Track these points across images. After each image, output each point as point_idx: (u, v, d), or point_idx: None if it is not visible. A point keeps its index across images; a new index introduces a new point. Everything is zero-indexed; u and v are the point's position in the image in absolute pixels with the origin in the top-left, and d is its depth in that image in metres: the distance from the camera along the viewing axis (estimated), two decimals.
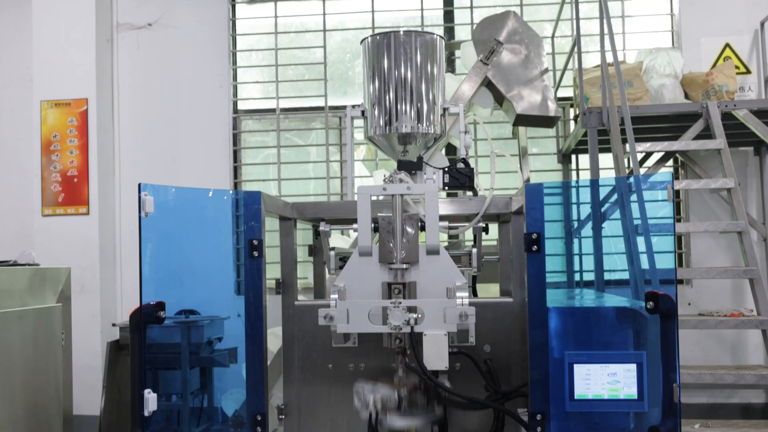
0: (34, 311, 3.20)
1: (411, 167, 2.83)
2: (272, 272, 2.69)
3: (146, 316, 2.13)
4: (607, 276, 3.71)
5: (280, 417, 2.76)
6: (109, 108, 6.77)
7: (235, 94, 7.05)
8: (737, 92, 5.38)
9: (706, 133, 4.96)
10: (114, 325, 6.33)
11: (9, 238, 6.64)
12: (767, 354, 4.30)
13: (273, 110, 6.85)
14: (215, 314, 5.67)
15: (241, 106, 7.06)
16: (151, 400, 2.09)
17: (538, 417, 2.23)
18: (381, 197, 2.57)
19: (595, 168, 5.01)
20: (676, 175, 6.29)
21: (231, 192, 2.61)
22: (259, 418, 2.35)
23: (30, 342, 3.17)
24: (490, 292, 3.89)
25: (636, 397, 2.17)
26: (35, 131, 6.53)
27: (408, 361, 2.38)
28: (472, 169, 2.89)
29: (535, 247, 2.24)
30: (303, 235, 3.59)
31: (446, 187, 2.85)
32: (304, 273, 5.36)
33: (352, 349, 2.59)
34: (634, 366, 2.17)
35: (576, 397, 2.19)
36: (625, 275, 3.97)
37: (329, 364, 2.73)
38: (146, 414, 2.07)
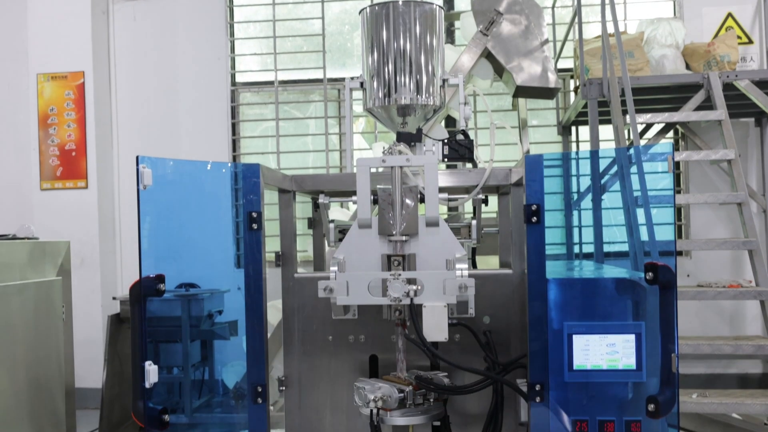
0: (34, 285, 3.21)
1: (410, 139, 2.81)
2: (272, 245, 2.69)
3: (146, 289, 2.14)
4: (606, 248, 3.71)
5: (281, 389, 2.78)
6: (106, 81, 6.73)
7: (233, 67, 7.00)
8: (739, 63, 5.34)
9: (707, 104, 4.93)
10: (114, 298, 6.35)
11: (8, 212, 6.64)
12: (765, 325, 4.32)
13: (271, 83, 6.81)
14: (215, 287, 5.69)
15: (239, 78, 7.02)
16: (152, 372, 2.10)
17: (537, 387, 2.24)
18: (380, 169, 2.56)
19: (595, 140, 4.99)
20: (676, 147, 6.27)
21: (230, 165, 2.60)
22: (260, 390, 2.37)
23: (31, 315, 3.18)
24: (489, 264, 3.90)
25: (634, 367, 2.19)
26: (32, 105, 6.50)
27: (407, 332, 2.39)
28: (472, 140, 2.87)
29: (534, 219, 2.24)
30: (302, 208, 3.59)
31: (446, 159, 2.84)
32: (304, 246, 5.37)
33: (351, 321, 2.60)
34: (632, 336, 2.18)
35: (575, 367, 2.20)
36: (625, 247, 3.98)
37: (329, 336, 2.74)
38: (147, 386, 2.08)
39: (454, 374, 2.63)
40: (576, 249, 3.74)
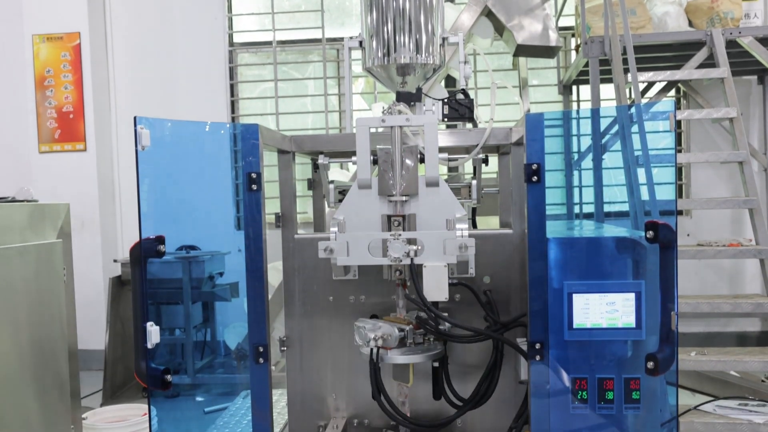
0: (34, 247, 3.21)
1: (410, 99, 2.79)
2: (272, 207, 2.68)
3: (146, 250, 2.13)
4: (606, 208, 3.71)
5: (282, 349, 2.80)
6: (102, 42, 6.66)
7: (231, 27, 6.92)
8: (742, 19, 5.27)
9: (710, 62, 4.89)
10: (115, 261, 6.38)
11: (7, 175, 6.63)
12: (765, 283, 4.34)
13: (269, 43, 6.74)
14: (216, 249, 5.71)
15: (237, 38, 6.94)
16: (153, 332, 2.10)
17: (537, 346, 2.25)
18: (380, 129, 2.54)
19: (596, 99, 4.96)
20: (678, 106, 6.23)
21: (228, 125, 2.58)
22: (261, 350, 2.38)
23: (32, 278, 3.19)
24: (489, 224, 3.90)
25: (634, 325, 2.20)
26: (28, 67, 6.44)
27: (408, 292, 2.40)
28: (472, 100, 2.85)
29: (535, 178, 2.23)
30: (302, 169, 3.57)
31: (445, 119, 2.82)
32: (304, 208, 5.37)
33: (352, 281, 2.61)
34: (632, 295, 2.19)
35: (575, 326, 2.21)
36: (625, 207, 3.98)
37: (330, 296, 2.75)
38: (149, 346, 2.09)
39: (455, 332, 2.64)
40: (576, 209, 3.74)
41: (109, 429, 3.70)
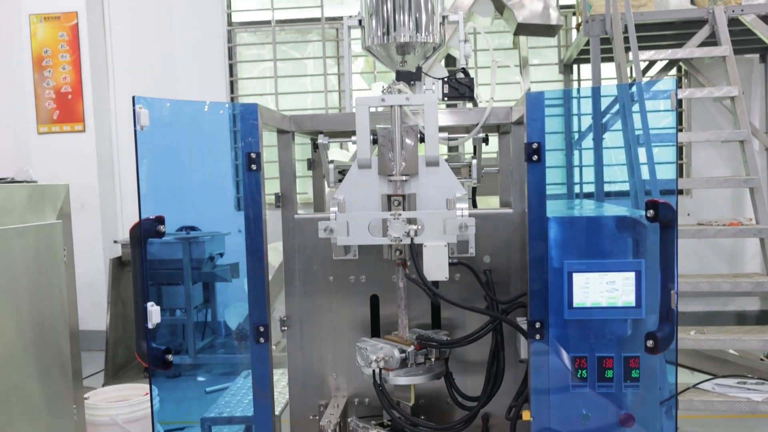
0: (34, 228, 3.20)
1: (410, 78, 2.77)
2: (271, 187, 2.68)
3: (146, 231, 2.13)
4: (607, 187, 3.71)
5: (283, 329, 2.80)
6: (100, 22, 6.61)
7: (229, 6, 6.87)
8: None
9: (712, 40, 4.86)
10: (115, 242, 6.39)
11: (5, 156, 6.62)
12: (764, 262, 4.34)
13: (268, 22, 6.70)
14: (216, 230, 5.72)
15: (235, 18, 6.90)
16: (154, 312, 2.11)
17: (537, 325, 2.26)
18: (380, 109, 2.52)
19: (597, 77, 4.93)
20: (679, 84, 6.20)
21: (227, 105, 2.57)
22: (262, 329, 2.38)
23: (33, 259, 3.18)
24: (489, 204, 3.90)
25: (634, 304, 2.20)
26: (25, 47, 6.40)
27: (408, 272, 2.40)
28: (472, 78, 2.83)
29: (535, 157, 2.22)
30: (301, 150, 3.56)
31: (445, 98, 2.80)
32: (304, 188, 5.36)
33: (352, 261, 2.61)
34: (632, 274, 2.19)
35: (575, 305, 2.22)
36: (625, 187, 3.97)
37: (330, 276, 2.75)
38: (150, 326, 2.10)
39: (454, 329, 2.66)
40: (577, 189, 3.74)
41: (111, 408, 3.72)
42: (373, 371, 2.32)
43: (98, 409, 3.71)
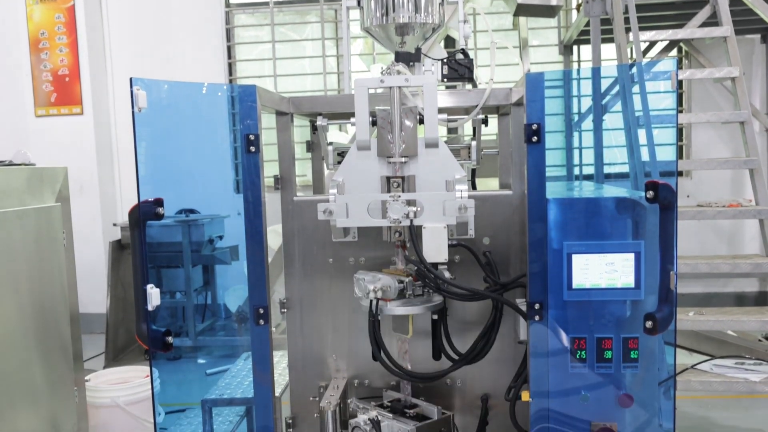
0: (33, 211, 3.20)
1: (409, 59, 2.75)
2: (271, 170, 2.67)
3: (145, 213, 2.13)
4: (606, 169, 3.70)
5: (282, 311, 2.81)
6: (96, 3, 6.57)
7: None
8: None
9: (713, 21, 4.82)
10: (115, 225, 6.39)
11: (3, 139, 6.61)
12: (764, 243, 4.34)
13: (266, 3, 6.65)
14: (215, 213, 5.72)
15: None
16: (154, 294, 2.11)
17: (537, 306, 2.26)
18: (379, 90, 2.51)
19: (597, 58, 4.91)
20: (679, 65, 6.17)
21: (225, 87, 2.56)
22: (262, 311, 2.39)
23: (32, 241, 3.18)
24: (489, 186, 3.89)
25: (633, 285, 2.20)
26: (21, 29, 6.37)
27: (408, 254, 2.40)
28: (471, 60, 2.82)
29: (535, 138, 2.21)
30: (300, 132, 3.55)
31: (445, 79, 2.79)
32: (303, 171, 5.36)
33: (351, 243, 2.61)
34: (632, 255, 2.19)
35: (574, 286, 2.22)
36: (625, 168, 3.97)
37: (329, 258, 2.75)
38: (150, 308, 2.10)
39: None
40: (576, 171, 3.73)
41: (112, 391, 3.73)
42: (371, 301, 2.31)
43: (99, 392, 3.73)
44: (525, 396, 2.33)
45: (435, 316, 2.47)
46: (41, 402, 3.24)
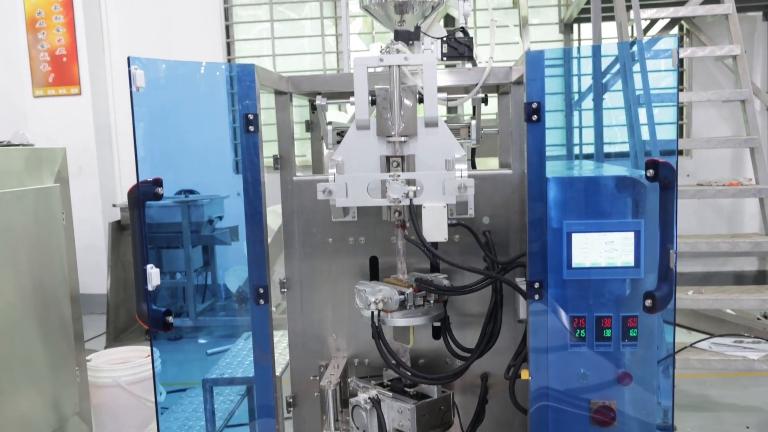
0: (33, 191, 3.19)
1: (408, 37, 2.73)
2: (270, 151, 2.66)
3: (144, 193, 2.12)
4: (606, 149, 3.69)
5: (282, 291, 2.81)
6: None
7: None
8: None
9: None
10: (114, 205, 6.39)
11: (1, 120, 6.58)
12: (763, 222, 4.34)
13: None
14: (215, 193, 5.71)
15: None
16: (154, 274, 2.11)
17: (536, 285, 2.26)
18: (378, 69, 2.50)
19: (597, 37, 4.88)
20: (680, 44, 6.14)
21: (224, 66, 2.54)
22: (262, 291, 2.39)
23: (32, 222, 3.18)
24: (489, 166, 3.88)
25: (633, 264, 2.20)
26: (18, 8, 6.32)
27: (407, 233, 2.40)
28: (471, 38, 2.80)
29: (535, 117, 2.20)
30: (299, 112, 3.53)
31: (444, 58, 2.77)
32: (302, 151, 5.34)
33: (351, 223, 2.60)
34: (631, 234, 2.19)
35: (574, 265, 2.22)
36: (625, 148, 3.96)
37: (329, 238, 2.75)
38: (150, 288, 2.10)
39: (454, 277, 2.66)
40: (576, 150, 3.72)
41: (114, 370, 3.75)
42: (372, 313, 2.33)
43: (101, 371, 3.75)
44: (524, 374, 2.34)
45: (437, 323, 2.50)
46: (43, 382, 3.26)
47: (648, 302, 2.11)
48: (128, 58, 2.03)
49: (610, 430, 2.29)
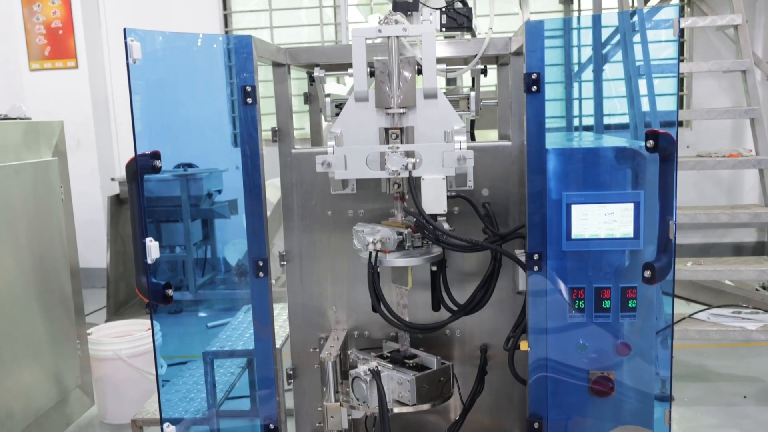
0: (31, 165, 3.19)
1: (407, 8, 2.71)
2: (269, 124, 2.65)
3: (142, 167, 2.12)
4: (606, 120, 3.67)
5: (282, 264, 2.82)
6: None
7: None
8: None
9: None
10: (113, 179, 6.38)
11: None
12: (763, 193, 4.34)
13: None
14: (213, 167, 5.70)
15: None
16: (153, 247, 2.11)
17: (536, 257, 2.27)
18: (377, 40, 2.48)
19: (597, 8, 4.84)
20: (681, 13, 6.09)
21: (221, 38, 2.52)
22: (261, 264, 2.39)
23: (30, 196, 3.18)
24: (488, 138, 3.87)
25: (632, 235, 2.20)
26: None
27: (406, 205, 2.39)
28: (470, 8, 2.77)
29: (534, 88, 2.19)
30: (297, 85, 3.51)
31: (443, 29, 2.75)
32: (301, 124, 5.32)
33: (350, 195, 2.60)
34: (631, 205, 2.19)
35: (573, 236, 2.22)
36: (625, 119, 3.93)
37: (328, 211, 2.75)
38: (149, 261, 2.10)
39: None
40: (576, 122, 3.70)
41: (114, 344, 3.77)
42: (370, 253, 2.32)
43: (101, 345, 3.77)
44: (523, 346, 2.36)
45: (434, 268, 2.48)
46: (44, 355, 3.27)
47: (647, 273, 2.12)
48: (124, 30, 2.01)
49: (609, 401, 2.31)
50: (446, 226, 2.42)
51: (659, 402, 2.31)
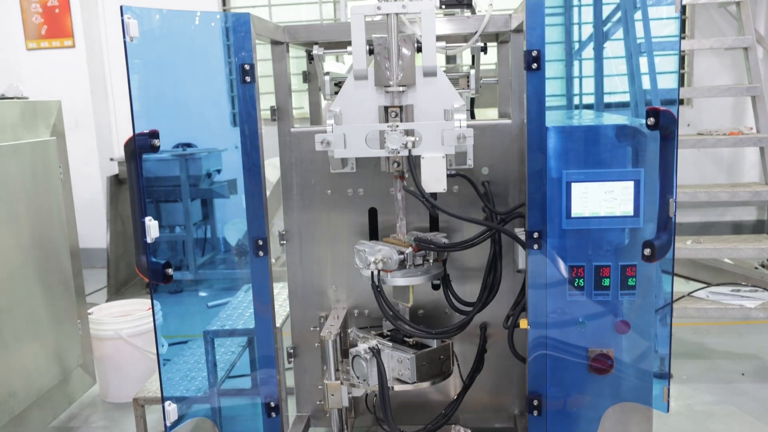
0: (29, 145, 3.17)
1: None
2: (267, 103, 2.63)
3: (140, 146, 2.11)
4: (607, 98, 3.65)
5: (282, 243, 2.82)
6: None
7: None
8: None
9: None
10: (112, 159, 6.37)
11: None
12: (763, 172, 4.33)
13: None
14: (212, 147, 5.68)
15: None
16: (152, 227, 2.11)
17: (535, 235, 2.26)
18: (376, 18, 2.46)
19: None
20: None
21: (219, 16, 2.50)
22: (261, 243, 2.39)
23: (29, 176, 3.17)
24: (488, 116, 3.85)
25: (632, 213, 2.20)
26: None
27: (406, 184, 2.39)
28: None
29: (535, 65, 2.17)
30: (296, 63, 3.49)
31: (443, 6, 2.73)
32: (300, 102, 5.30)
33: (350, 174, 2.60)
34: (631, 183, 2.18)
35: (573, 215, 2.22)
36: (626, 98, 3.91)
37: (328, 190, 2.74)
38: (149, 241, 2.10)
39: (452, 233, 2.67)
40: (576, 100, 3.68)
41: (115, 323, 3.78)
42: (372, 273, 2.34)
43: (102, 324, 3.77)
44: (523, 324, 2.36)
45: (437, 281, 2.51)
46: (45, 335, 3.28)
47: (647, 251, 2.12)
48: (121, 8, 2.00)
49: (608, 378, 2.32)
50: (445, 241, 2.47)
51: (658, 379, 2.32)
